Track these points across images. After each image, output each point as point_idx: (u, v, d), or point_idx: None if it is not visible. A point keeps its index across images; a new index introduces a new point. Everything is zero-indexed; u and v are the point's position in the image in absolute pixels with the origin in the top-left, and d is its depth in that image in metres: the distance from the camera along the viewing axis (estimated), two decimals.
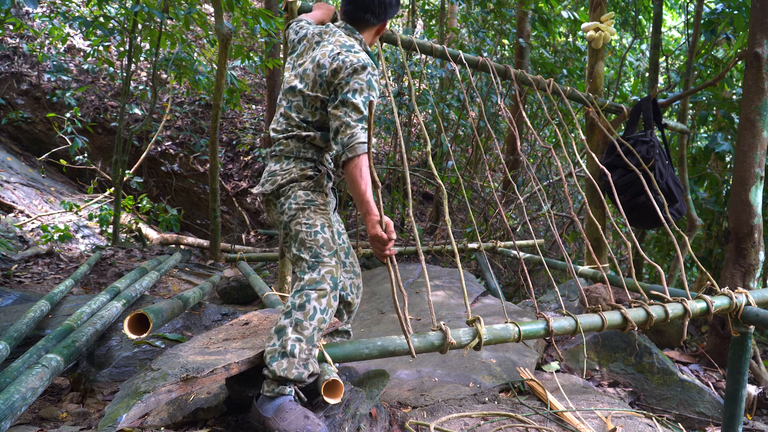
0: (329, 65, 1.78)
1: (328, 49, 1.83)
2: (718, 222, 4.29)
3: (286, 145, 1.90)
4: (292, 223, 1.83)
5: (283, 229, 1.88)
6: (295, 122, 1.88)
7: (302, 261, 1.78)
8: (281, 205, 1.87)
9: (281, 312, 1.70)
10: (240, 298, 3.57)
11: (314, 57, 1.86)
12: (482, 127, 6.34)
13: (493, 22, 7.13)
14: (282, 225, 1.88)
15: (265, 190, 1.89)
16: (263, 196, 1.92)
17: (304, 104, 1.87)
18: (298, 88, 1.88)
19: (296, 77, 1.92)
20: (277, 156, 1.91)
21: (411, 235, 6.82)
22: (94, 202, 6.42)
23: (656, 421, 2.06)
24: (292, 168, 1.88)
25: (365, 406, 1.76)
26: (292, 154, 1.89)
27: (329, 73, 1.78)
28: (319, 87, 1.82)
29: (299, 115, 1.88)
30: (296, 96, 1.89)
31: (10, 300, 3.00)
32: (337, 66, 1.76)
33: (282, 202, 1.87)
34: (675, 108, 5.10)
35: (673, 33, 9.15)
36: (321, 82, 1.81)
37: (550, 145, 6.25)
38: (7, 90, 7.46)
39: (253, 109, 9.38)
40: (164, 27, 5.35)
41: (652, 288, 2.55)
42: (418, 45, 2.77)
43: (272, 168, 1.91)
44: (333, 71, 1.77)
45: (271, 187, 1.88)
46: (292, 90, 1.90)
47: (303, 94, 1.86)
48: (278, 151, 1.91)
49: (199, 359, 1.59)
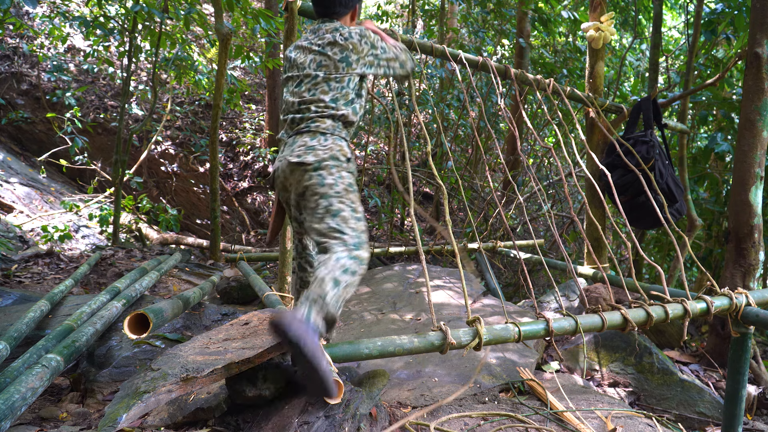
0: (343, 44, 2.08)
1: (327, 38, 2.09)
2: (718, 222, 4.29)
3: (322, 122, 2.06)
4: (334, 198, 1.97)
5: (316, 197, 1.99)
6: (324, 103, 2.07)
7: (342, 235, 1.93)
8: (320, 177, 1.99)
9: (338, 267, 1.82)
10: (240, 298, 3.56)
11: (321, 49, 2.10)
12: (482, 127, 6.33)
13: (493, 22, 7.13)
14: (313, 194, 2.00)
15: (306, 160, 2.00)
16: (301, 165, 2.02)
17: (330, 87, 2.09)
18: (321, 76, 2.09)
19: (307, 70, 2.12)
20: (312, 132, 2.05)
21: (411, 234, 6.82)
22: (94, 202, 6.41)
23: (656, 421, 2.06)
24: (330, 144, 2.04)
25: (365, 406, 1.76)
26: (328, 131, 2.06)
27: (353, 46, 2.09)
28: (345, 65, 2.09)
29: (327, 95, 2.08)
30: (317, 85, 2.08)
31: (10, 300, 2.99)
32: (351, 42, 2.08)
33: (322, 174, 2.00)
34: (675, 108, 5.10)
35: (673, 33, 9.15)
36: (343, 59, 2.08)
37: (550, 145, 6.25)
38: (7, 90, 7.46)
39: (253, 109, 9.38)
40: (164, 27, 5.35)
41: (652, 288, 2.56)
42: (418, 45, 2.77)
43: (309, 142, 2.03)
44: (352, 46, 2.09)
45: (314, 159, 2.00)
46: (313, 78, 2.10)
47: (327, 83, 2.09)
48: (313, 128, 2.05)
49: (199, 359, 1.59)
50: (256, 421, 1.71)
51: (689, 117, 4.69)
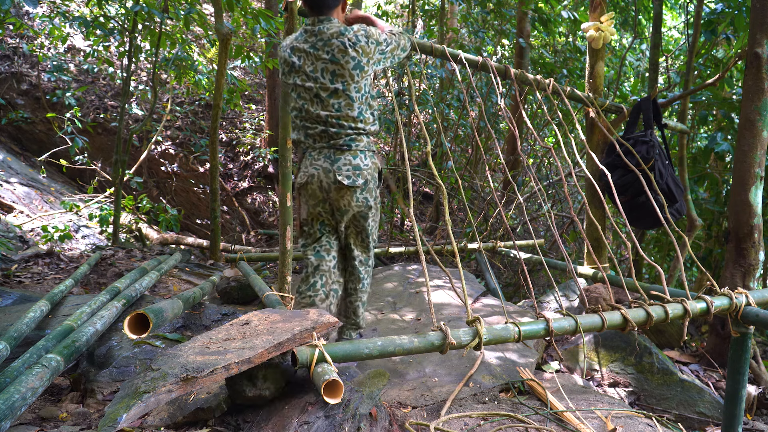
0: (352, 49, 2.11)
1: (335, 44, 2.12)
2: (718, 222, 4.29)
3: (360, 141, 2.21)
4: (370, 218, 2.32)
5: (361, 217, 2.31)
6: (353, 119, 2.17)
7: (369, 250, 2.41)
8: (366, 200, 2.26)
9: (362, 291, 2.45)
10: (240, 298, 3.56)
11: (332, 57, 2.12)
12: (482, 127, 6.33)
13: (493, 22, 7.13)
14: (358, 213, 2.29)
15: (356, 183, 2.20)
16: (351, 187, 2.21)
17: (353, 99, 2.16)
18: (341, 88, 2.14)
19: (322, 82, 2.16)
20: (353, 151, 2.20)
21: (411, 234, 6.82)
22: (94, 202, 6.41)
23: (656, 421, 2.06)
24: (370, 164, 2.25)
25: (365, 405, 1.76)
26: (366, 148, 2.24)
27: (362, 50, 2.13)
28: (359, 71, 2.14)
29: (354, 110, 2.17)
30: (339, 97, 2.16)
31: (10, 300, 2.99)
32: (359, 46, 2.13)
33: (365, 196, 2.25)
34: (675, 108, 5.10)
35: (673, 33, 9.16)
36: (356, 66, 2.13)
37: (550, 145, 6.25)
38: (7, 90, 7.46)
39: (253, 109, 9.38)
40: (164, 27, 5.35)
41: (652, 288, 2.56)
42: (418, 45, 2.77)
43: (353, 161, 2.20)
44: (362, 50, 2.14)
45: (362, 181, 2.21)
46: (333, 92, 2.15)
47: (348, 93, 2.15)
48: (354, 147, 2.20)
49: (199, 359, 1.59)
50: (256, 421, 1.71)
51: (689, 117, 4.69)
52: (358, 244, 2.38)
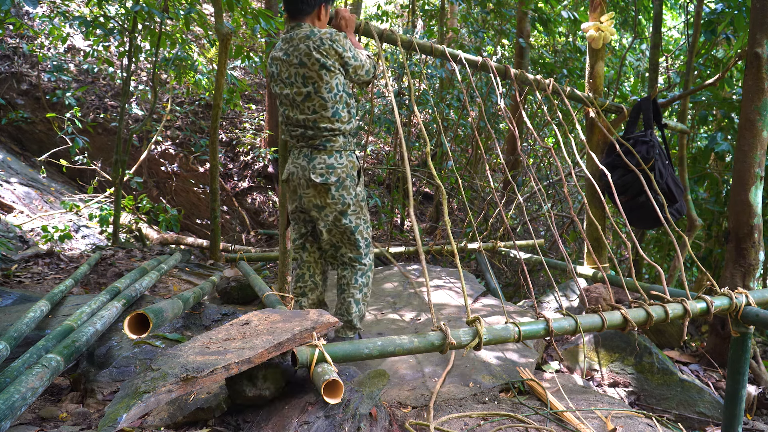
0: (314, 55, 2.15)
1: (302, 48, 2.17)
2: (718, 222, 4.29)
3: (335, 141, 2.27)
4: (352, 215, 2.34)
5: (340, 214, 2.32)
6: (328, 120, 2.22)
7: (359, 248, 2.41)
8: (341, 196, 2.29)
9: (355, 288, 2.42)
10: (240, 298, 3.56)
11: (300, 61, 2.18)
12: (482, 127, 6.33)
13: (493, 22, 7.13)
14: (335, 210, 2.32)
15: (329, 181, 2.25)
16: (324, 185, 2.27)
17: (325, 99, 2.20)
18: (312, 90, 2.20)
19: (297, 86, 2.22)
20: (328, 150, 2.26)
21: (411, 235, 6.82)
22: (94, 202, 6.41)
23: (656, 421, 2.06)
24: (345, 162, 2.29)
25: (365, 405, 1.76)
26: (342, 148, 2.28)
27: (326, 52, 2.15)
28: (326, 72, 2.17)
29: (328, 110, 2.22)
30: (313, 100, 2.21)
31: (10, 300, 2.99)
32: (323, 48, 2.15)
33: (342, 194, 2.29)
34: (675, 108, 5.10)
35: (673, 33, 9.16)
36: (323, 66, 2.16)
37: (550, 145, 6.25)
38: (7, 90, 7.46)
39: (253, 109, 9.38)
40: (164, 27, 5.35)
41: (652, 288, 2.56)
42: (418, 45, 2.77)
43: (327, 161, 2.26)
44: (325, 55, 2.16)
45: (335, 179, 2.26)
46: (307, 96, 2.21)
47: (320, 95, 2.19)
48: (329, 147, 2.26)
49: (199, 359, 1.59)
50: (256, 421, 1.71)
51: (689, 117, 4.69)
52: (345, 242, 2.42)
